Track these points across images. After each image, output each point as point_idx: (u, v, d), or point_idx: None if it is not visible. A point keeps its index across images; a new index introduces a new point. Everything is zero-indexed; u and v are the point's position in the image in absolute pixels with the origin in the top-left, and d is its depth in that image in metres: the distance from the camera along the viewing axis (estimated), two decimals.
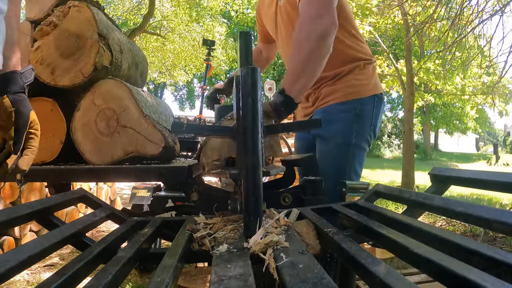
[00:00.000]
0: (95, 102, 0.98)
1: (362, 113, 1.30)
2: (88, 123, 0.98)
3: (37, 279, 2.67)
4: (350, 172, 1.28)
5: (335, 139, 1.29)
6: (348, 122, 1.29)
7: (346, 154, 1.28)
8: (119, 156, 0.96)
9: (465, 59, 5.65)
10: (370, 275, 0.41)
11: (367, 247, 1.35)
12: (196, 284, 2.36)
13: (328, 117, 1.30)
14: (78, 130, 0.99)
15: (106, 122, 0.97)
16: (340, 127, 1.28)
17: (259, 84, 0.63)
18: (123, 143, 0.96)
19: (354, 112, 1.29)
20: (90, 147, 0.98)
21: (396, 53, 14.97)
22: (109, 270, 0.46)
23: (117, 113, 0.97)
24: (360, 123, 1.30)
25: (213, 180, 3.82)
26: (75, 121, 0.99)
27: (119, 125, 0.97)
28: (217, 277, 0.41)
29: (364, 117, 1.31)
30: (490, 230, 2.60)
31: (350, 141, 1.28)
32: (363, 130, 1.31)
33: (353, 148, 1.29)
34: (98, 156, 0.97)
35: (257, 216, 0.59)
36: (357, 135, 1.29)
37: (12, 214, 0.58)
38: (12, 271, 0.42)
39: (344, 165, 1.27)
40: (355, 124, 1.29)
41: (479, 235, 3.70)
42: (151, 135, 0.95)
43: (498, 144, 24.28)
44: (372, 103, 1.32)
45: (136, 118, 0.96)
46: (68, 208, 2.93)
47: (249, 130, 0.61)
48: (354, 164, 1.30)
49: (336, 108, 1.31)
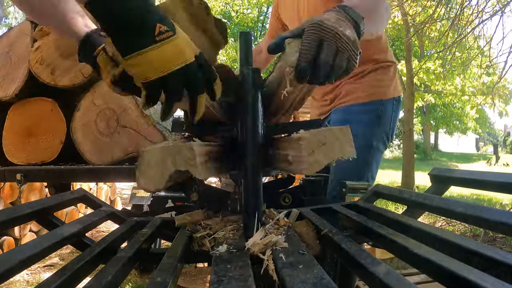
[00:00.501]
0: (95, 102, 0.98)
1: (383, 115, 1.27)
2: (88, 123, 0.98)
3: (37, 279, 2.67)
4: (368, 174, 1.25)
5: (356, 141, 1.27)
6: (369, 124, 1.26)
7: (366, 156, 1.25)
8: (119, 156, 0.96)
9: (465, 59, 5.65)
10: (370, 276, 0.41)
11: (367, 248, 1.35)
12: (196, 284, 2.36)
13: (348, 117, 1.27)
14: (78, 130, 0.99)
15: (106, 122, 0.97)
16: (362, 128, 1.25)
17: (259, 84, 0.64)
18: (123, 143, 0.96)
19: (375, 113, 1.26)
20: (90, 147, 0.98)
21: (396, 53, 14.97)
22: (109, 270, 0.46)
23: (117, 113, 0.97)
24: (381, 125, 1.27)
25: (213, 180, 3.82)
26: (75, 121, 0.99)
27: (119, 125, 0.97)
28: (216, 278, 0.41)
29: (385, 119, 1.28)
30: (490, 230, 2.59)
31: (371, 143, 1.25)
32: (382, 132, 1.28)
33: (373, 150, 1.26)
34: (98, 156, 0.97)
35: (257, 217, 0.59)
36: (377, 137, 1.27)
37: (12, 214, 0.58)
38: (12, 271, 0.42)
39: (363, 168, 1.24)
40: (376, 126, 1.26)
41: (479, 235, 3.70)
42: (151, 135, 0.95)
43: (498, 144, 24.28)
44: (391, 106, 1.30)
45: (136, 118, 0.96)
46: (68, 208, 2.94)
47: (249, 130, 0.61)
48: (372, 167, 1.27)
49: (357, 108, 1.28)
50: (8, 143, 1.02)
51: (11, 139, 1.02)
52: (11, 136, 1.02)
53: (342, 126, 0.52)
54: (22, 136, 1.02)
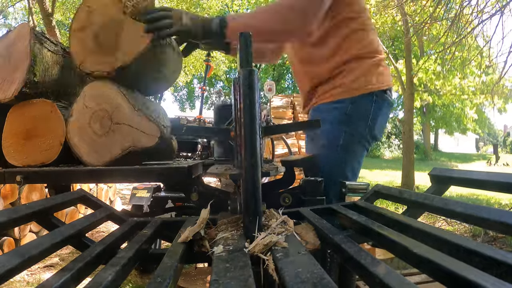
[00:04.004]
0: (87, 105, 0.98)
1: (354, 113, 1.20)
2: (83, 126, 0.98)
3: (37, 280, 2.66)
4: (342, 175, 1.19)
5: (320, 140, 1.23)
6: (336, 123, 1.21)
7: (331, 156, 1.20)
8: (117, 153, 0.96)
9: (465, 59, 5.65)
10: (370, 275, 0.41)
11: (367, 247, 1.35)
12: (196, 284, 2.36)
13: (317, 115, 1.25)
14: (74, 135, 0.99)
15: (99, 122, 0.97)
16: (327, 127, 1.19)
17: (256, 85, 0.64)
18: (119, 140, 0.96)
19: (343, 111, 1.21)
20: (88, 149, 0.98)
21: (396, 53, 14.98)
22: (109, 270, 0.46)
23: (110, 112, 0.97)
24: (351, 124, 1.21)
25: (213, 181, 3.82)
26: (69, 126, 0.99)
27: (113, 123, 0.96)
28: (216, 278, 0.41)
29: (356, 117, 1.21)
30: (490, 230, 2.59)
31: (337, 142, 1.20)
32: (355, 132, 1.21)
33: (341, 150, 1.20)
34: (96, 157, 0.97)
35: (257, 217, 0.59)
36: (347, 136, 1.20)
37: (12, 214, 0.58)
38: (12, 271, 0.42)
39: (332, 169, 1.18)
40: (344, 125, 1.21)
41: (479, 235, 3.71)
42: (145, 127, 0.95)
43: (498, 144, 24.28)
44: (368, 102, 1.22)
45: (129, 113, 0.96)
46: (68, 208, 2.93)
47: (248, 131, 0.61)
48: (343, 168, 1.21)
49: (325, 107, 1.25)
50: (7, 145, 1.02)
51: (10, 141, 1.02)
52: (10, 138, 1.02)
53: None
54: (22, 138, 1.02)
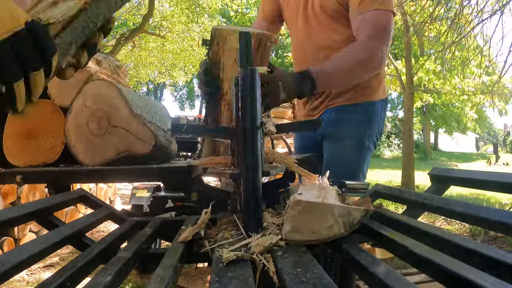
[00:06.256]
0: (86, 104, 0.98)
1: (373, 116, 1.33)
2: (80, 125, 0.98)
3: (37, 279, 2.67)
4: (359, 173, 1.31)
5: (349, 141, 1.32)
6: (362, 125, 1.31)
7: (359, 156, 1.31)
8: (111, 156, 0.95)
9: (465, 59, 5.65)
10: (370, 275, 0.41)
11: (367, 247, 1.35)
12: (196, 284, 2.36)
13: (341, 117, 1.31)
14: (71, 133, 0.99)
15: (97, 122, 0.97)
16: (355, 129, 1.31)
17: (257, 84, 0.64)
18: (115, 143, 0.96)
19: (367, 114, 1.32)
20: (84, 148, 0.97)
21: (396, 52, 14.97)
22: (109, 270, 0.46)
23: (107, 114, 0.97)
24: (371, 126, 1.33)
25: (213, 180, 3.82)
26: (67, 124, 0.99)
27: (110, 125, 0.96)
28: (216, 278, 0.41)
29: (375, 120, 1.34)
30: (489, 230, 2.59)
31: (363, 143, 1.31)
32: (373, 133, 1.34)
33: (365, 150, 1.32)
34: (91, 157, 0.97)
35: (257, 216, 0.59)
36: (369, 137, 1.32)
37: (12, 214, 0.58)
38: (12, 271, 0.42)
39: (355, 167, 1.30)
40: (367, 127, 1.32)
41: (479, 235, 3.71)
42: (141, 134, 0.95)
43: (498, 143, 24.27)
44: (380, 107, 1.35)
45: (126, 117, 0.96)
46: (68, 208, 2.94)
47: (248, 131, 0.61)
48: (363, 166, 1.33)
49: (349, 109, 1.33)
50: (9, 145, 1.02)
51: (12, 141, 1.02)
52: (12, 138, 1.02)
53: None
54: (23, 138, 1.02)
